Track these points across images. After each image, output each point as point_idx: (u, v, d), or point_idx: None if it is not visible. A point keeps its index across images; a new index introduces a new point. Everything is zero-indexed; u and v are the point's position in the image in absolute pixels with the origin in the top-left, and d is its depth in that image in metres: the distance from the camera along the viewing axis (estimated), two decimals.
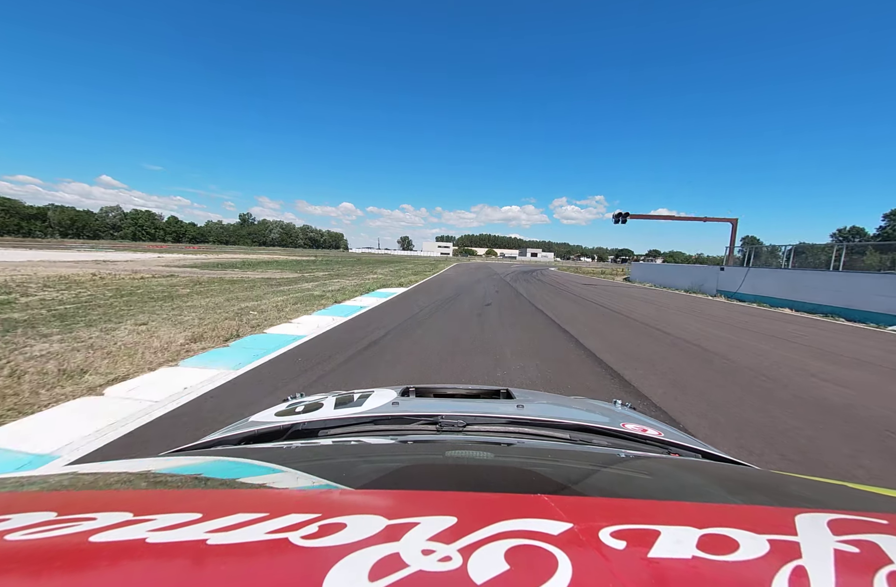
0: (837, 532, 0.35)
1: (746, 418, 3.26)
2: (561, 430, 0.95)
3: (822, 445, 2.83)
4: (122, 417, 2.80)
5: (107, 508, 0.38)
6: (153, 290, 9.15)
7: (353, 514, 0.35)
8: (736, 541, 0.33)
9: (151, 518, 0.35)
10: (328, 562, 0.28)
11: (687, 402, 3.57)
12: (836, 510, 0.42)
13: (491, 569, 0.28)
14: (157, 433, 2.62)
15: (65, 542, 0.31)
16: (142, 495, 0.46)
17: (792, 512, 0.40)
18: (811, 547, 0.32)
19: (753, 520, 0.39)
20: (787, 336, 7.28)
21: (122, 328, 5.24)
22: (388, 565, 0.28)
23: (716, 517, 0.39)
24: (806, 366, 5.08)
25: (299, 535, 0.31)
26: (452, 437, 0.86)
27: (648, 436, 0.97)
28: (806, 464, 2.56)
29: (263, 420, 1.02)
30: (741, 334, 7.27)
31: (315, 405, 1.11)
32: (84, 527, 0.33)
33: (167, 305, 7.20)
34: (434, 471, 0.60)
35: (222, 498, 0.43)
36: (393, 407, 1.07)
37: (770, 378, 4.47)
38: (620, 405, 1.41)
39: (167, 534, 0.32)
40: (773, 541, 0.33)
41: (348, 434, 0.93)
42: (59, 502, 0.42)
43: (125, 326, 5.36)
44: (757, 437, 2.90)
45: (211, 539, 0.31)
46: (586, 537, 0.32)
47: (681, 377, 4.35)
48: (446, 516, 0.35)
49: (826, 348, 6.31)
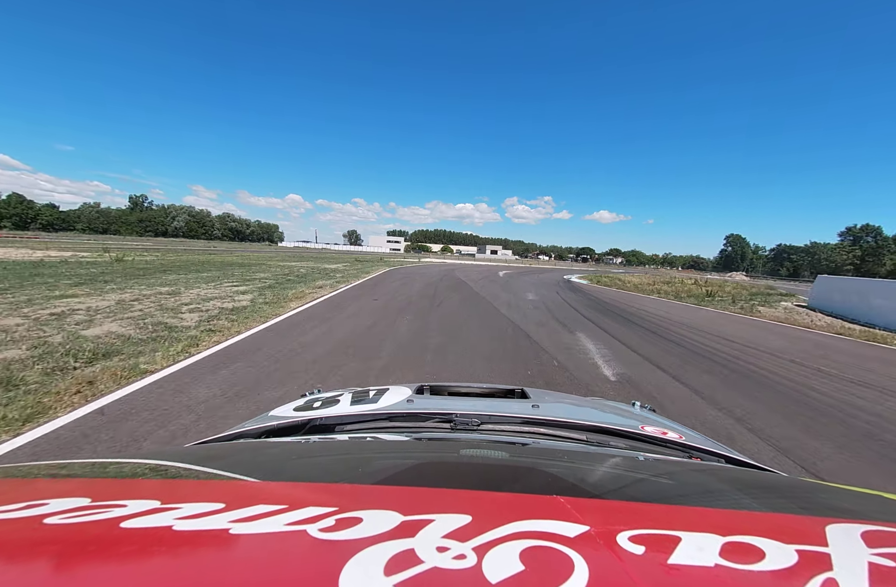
0: (872, 544, 0.33)
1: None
2: (577, 431, 0.94)
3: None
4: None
5: (137, 496, 0.39)
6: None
7: (369, 509, 0.36)
8: (762, 550, 0.31)
9: (178, 506, 0.36)
10: (345, 555, 0.28)
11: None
12: (871, 521, 0.40)
13: (506, 568, 0.27)
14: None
15: (98, 527, 0.33)
16: (169, 484, 0.48)
17: (823, 521, 0.38)
18: (843, 559, 0.31)
19: (781, 528, 0.37)
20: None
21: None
22: (403, 560, 0.28)
23: (740, 524, 0.38)
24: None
25: (317, 528, 0.32)
26: (467, 436, 0.86)
27: (669, 440, 0.94)
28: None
29: (282, 415, 1.05)
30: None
31: (332, 401, 1.13)
32: (115, 513, 0.35)
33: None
34: (449, 469, 0.61)
35: (244, 489, 0.45)
36: (408, 404, 1.08)
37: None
38: (640, 407, 1.38)
39: (192, 523, 0.33)
40: (802, 551, 0.31)
41: (364, 430, 0.95)
42: (93, 489, 0.44)
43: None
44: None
45: (233, 528, 0.32)
46: (603, 540, 0.32)
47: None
48: (461, 514, 0.35)
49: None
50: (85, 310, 5.69)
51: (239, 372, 3.67)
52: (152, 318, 5.45)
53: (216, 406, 2.94)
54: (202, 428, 2.58)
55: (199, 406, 2.92)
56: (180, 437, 2.46)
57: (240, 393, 3.20)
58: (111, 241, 43.48)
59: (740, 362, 5.22)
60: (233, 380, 3.47)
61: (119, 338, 4.38)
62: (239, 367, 3.79)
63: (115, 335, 4.51)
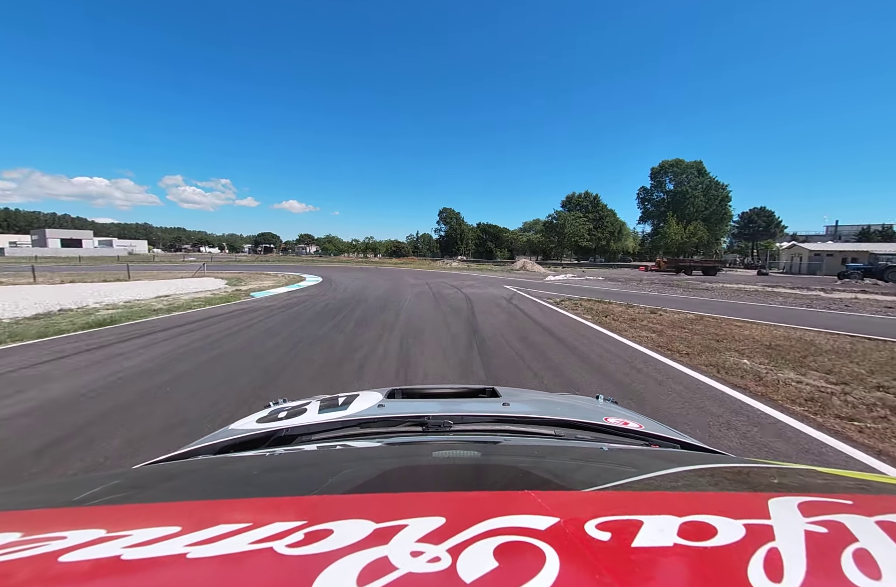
0: (807, 514, 0.36)
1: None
2: (546, 427, 0.96)
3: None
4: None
5: (77, 526, 0.36)
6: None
7: (339, 520, 0.35)
8: (714, 527, 0.34)
9: (126, 534, 0.33)
10: (315, 570, 0.28)
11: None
12: (806, 493, 0.44)
13: (480, 567, 0.28)
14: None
15: (32, 564, 0.29)
16: (115, 510, 0.44)
17: (765, 496, 0.41)
18: (784, 529, 0.34)
19: (730, 506, 0.40)
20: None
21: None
22: (376, 569, 0.27)
23: (695, 505, 0.40)
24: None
25: (284, 544, 0.31)
26: (439, 438, 0.86)
27: (630, 429, 0.99)
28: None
29: (244, 427, 1.00)
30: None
31: (298, 410, 1.09)
32: (53, 547, 0.31)
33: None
34: (421, 472, 0.60)
35: (202, 509, 0.42)
36: (379, 409, 1.06)
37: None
38: (603, 399, 1.44)
39: (144, 550, 0.31)
40: (749, 525, 0.34)
41: (334, 438, 0.92)
42: (24, 521, 0.39)
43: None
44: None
45: (191, 552, 0.30)
46: (572, 530, 0.33)
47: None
48: (435, 517, 0.35)
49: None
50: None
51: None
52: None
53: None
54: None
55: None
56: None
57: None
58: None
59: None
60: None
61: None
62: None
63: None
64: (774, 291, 15.33)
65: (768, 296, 13.18)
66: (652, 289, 16.32)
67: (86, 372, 4.00)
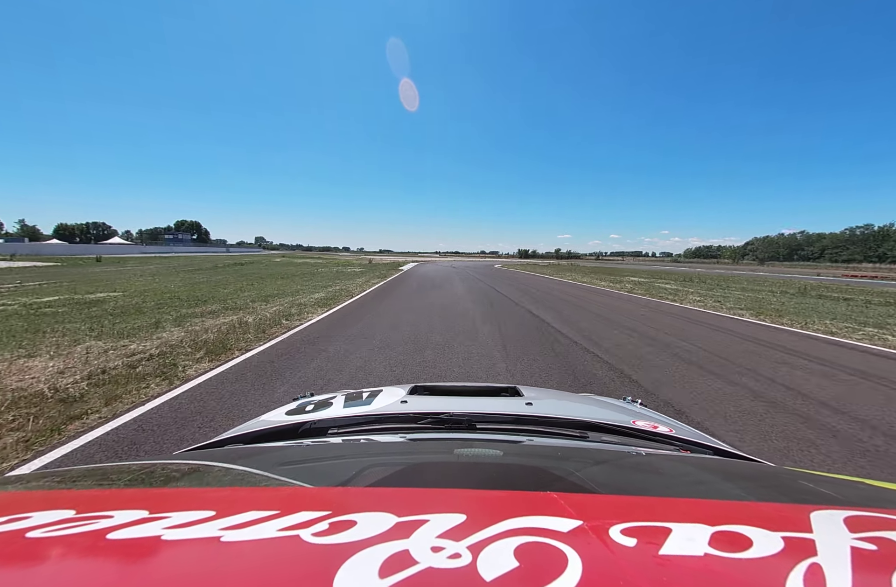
0: (854, 529, 0.34)
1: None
2: (570, 428, 0.95)
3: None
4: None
5: (123, 506, 0.38)
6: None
7: (363, 512, 0.35)
8: (749, 538, 0.32)
9: (166, 516, 0.35)
10: (339, 559, 0.28)
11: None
12: (853, 507, 0.41)
13: (500, 566, 0.28)
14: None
15: (83, 540, 0.32)
16: (157, 493, 0.47)
17: (807, 509, 0.39)
18: (827, 544, 0.31)
19: (767, 517, 0.38)
20: None
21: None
22: (398, 562, 0.28)
23: (728, 514, 0.38)
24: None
25: (310, 533, 0.32)
26: (461, 435, 0.86)
27: (659, 433, 0.96)
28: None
29: (274, 419, 1.04)
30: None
31: (325, 403, 1.12)
32: (101, 524, 0.34)
33: None
34: (443, 468, 0.61)
35: (235, 496, 0.44)
36: (402, 405, 1.07)
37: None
38: (631, 402, 1.40)
39: (182, 532, 0.32)
40: (788, 538, 0.32)
41: (358, 432, 0.94)
42: (78, 500, 0.43)
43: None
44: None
45: (225, 536, 0.32)
46: (596, 534, 0.32)
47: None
48: (456, 513, 0.35)
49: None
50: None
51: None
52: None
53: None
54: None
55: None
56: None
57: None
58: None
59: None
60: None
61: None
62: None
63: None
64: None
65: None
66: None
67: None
